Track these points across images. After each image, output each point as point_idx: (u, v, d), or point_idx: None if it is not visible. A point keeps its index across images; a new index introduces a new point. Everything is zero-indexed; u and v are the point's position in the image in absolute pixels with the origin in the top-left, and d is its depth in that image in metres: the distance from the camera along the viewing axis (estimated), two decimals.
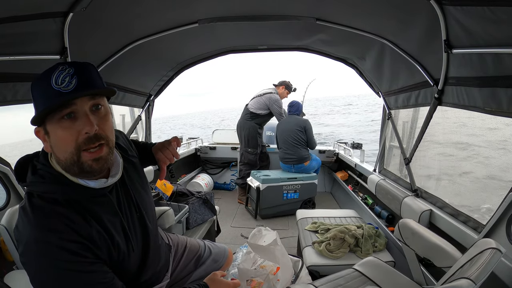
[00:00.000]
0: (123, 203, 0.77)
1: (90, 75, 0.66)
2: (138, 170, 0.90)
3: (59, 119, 0.62)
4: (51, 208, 0.63)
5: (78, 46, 1.29)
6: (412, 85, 1.68)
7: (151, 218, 0.88)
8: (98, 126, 0.64)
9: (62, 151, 0.64)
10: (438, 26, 1.10)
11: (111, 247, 0.69)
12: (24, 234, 0.61)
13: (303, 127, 3.07)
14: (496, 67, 0.99)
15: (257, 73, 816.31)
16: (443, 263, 1.03)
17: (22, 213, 0.63)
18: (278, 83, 3.51)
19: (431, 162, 1.87)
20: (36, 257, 0.59)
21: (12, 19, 0.91)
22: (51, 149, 0.65)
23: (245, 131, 3.36)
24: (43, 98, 0.62)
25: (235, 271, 1.43)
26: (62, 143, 0.63)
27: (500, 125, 1.99)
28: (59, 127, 0.62)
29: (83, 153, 0.64)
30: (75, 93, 0.61)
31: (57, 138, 0.63)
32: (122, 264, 0.73)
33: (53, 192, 0.65)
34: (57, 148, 0.64)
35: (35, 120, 0.63)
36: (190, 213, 1.76)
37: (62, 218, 0.62)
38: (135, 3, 1.22)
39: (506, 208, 1.01)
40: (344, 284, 1.23)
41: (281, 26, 1.71)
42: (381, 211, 2.30)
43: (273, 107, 3.30)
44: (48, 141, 0.65)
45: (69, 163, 0.64)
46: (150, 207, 0.89)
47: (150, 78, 2.20)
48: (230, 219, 2.92)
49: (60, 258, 0.59)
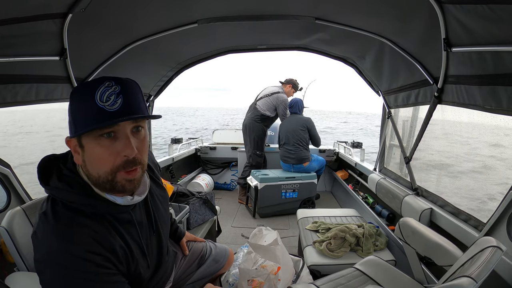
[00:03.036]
0: (143, 221, 0.77)
1: (136, 97, 0.64)
2: (162, 189, 0.90)
3: (97, 136, 0.60)
4: (77, 218, 0.61)
5: (78, 47, 1.30)
6: (411, 84, 1.68)
7: (166, 234, 0.89)
8: (137, 149, 0.63)
9: (97, 169, 0.62)
10: (437, 24, 1.10)
11: (131, 263, 0.69)
12: (45, 243, 0.59)
13: (305, 126, 3.07)
14: (496, 65, 0.99)
15: (259, 72, 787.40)
16: (444, 261, 1.03)
17: (44, 220, 0.61)
18: (285, 81, 3.48)
19: (432, 161, 1.86)
20: (57, 267, 0.58)
21: (11, 21, 0.91)
22: (83, 163, 0.63)
23: (255, 133, 3.32)
24: (84, 112, 0.60)
25: (236, 271, 1.43)
26: (99, 162, 0.61)
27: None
28: (97, 144, 0.60)
29: (118, 173, 0.62)
30: (120, 115, 0.59)
31: (93, 155, 0.61)
32: (136, 278, 0.73)
33: (80, 203, 0.63)
34: (91, 165, 0.62)
35: (75, 131, 0.61)
36: (190, 213, 1.76)
37: (87, 230, 0.61)
38: (134, 4, 1.22)
39: (506, 206, 1.01)
40: (345, 283, 1.23)
41: (280, 25, 1.71)
42: (382, 210, 2.31)
43: (280, 108, 3.29)
44: (82, 155, 0.62)
45: (101, 181, 0.63)
46: (166, 224, 0.90)
47: (150, 79, 2.20)
48: (231, 219, 2.92)
49: (84, 269, 0.58)
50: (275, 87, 3.45)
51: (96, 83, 0.60)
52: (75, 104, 0.62)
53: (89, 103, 0.59)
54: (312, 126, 3.11)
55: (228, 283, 1.44)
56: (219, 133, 4.53)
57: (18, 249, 0.91)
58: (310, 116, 3.21)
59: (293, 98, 3.31)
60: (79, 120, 0.61)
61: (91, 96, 0.59)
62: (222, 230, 2.20)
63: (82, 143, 0.61)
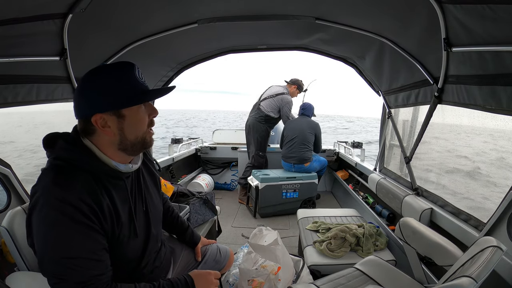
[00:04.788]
0: (134, 193, 0.84)
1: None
2: (155, 179, 1.00)
3: (139, 106, 0.74)
4: (74, 172, 0.69)
5: (78, 47, 1.30)
6: (412, 84, 1.68)
7: (155, 221, 0.92)
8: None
9: (136, 131, 0.75)
10: (437, 24, 1.10)
11: (116, 225, 0.74)
12: (42, 189, 0.66)
13: (314, 131, 3.10)
14: (496, 65, 0.99)
15: (262, 73, 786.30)
16: (444, 261, 1.03)
17: (44, 172, 0.69)
18: (291, 81, 3.46)
19: (432, 160, 1.86)
20: (48, 211, 0.63)
21: (11, 21, 0.91)
22: (119, 131, 0.73)
23: (258, 134, 3.31)
24: (130, 88, 0.72)
25: (236, 271, 1.43)
26: (140, 123, 0.75)
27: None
28: (139, 111, 0.74)
29: (148, 131, 0.78)
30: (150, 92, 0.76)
31: (137, 119, 0.74)
32: (123, 247, 0.77)
33: (80, 160, 0.70)
34: (132, 129, 0.74)
35: (119, 106, 0.71)
36: (191, 213, 1.76)
37: (81, 183, 0.67)
38: (134, 4, 1.22)
39: (506, 206, 1.01)
40: (346, 283, 1.23)
41: (280, 25, 1.71)
42: (382, 210, 2.30)
43: (284, 109, 3.28)
44: (118, 125, 0.72)
45: (138, 141, 0.76)
46: (156, 211, 0.95)
47: (150, 79, 2.20)
48: (231, 219, 2.92)
49: (71, 216, 0.63)
50: (280, 87, 3.43)
51: (130, 66, 0.74)
52: (115, 81, 0.71)
53: (133, 80, 0.73)
54: (319, 133, 3.16)
55: (228, 283, 1.44)
56: (219, 133, 4.53)
57: (19, 249, 0.91)
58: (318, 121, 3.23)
59: (306, 102, 3.32)
60: (121, 95, 0.71)
61: (132, 76, 0.73)
62: (222, 230, 2.20)
63: (123, 113, 0.72)
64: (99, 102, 0.69)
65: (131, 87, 0.72)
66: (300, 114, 3.27)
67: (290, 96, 3.36)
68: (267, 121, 3.33)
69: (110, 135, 0.72)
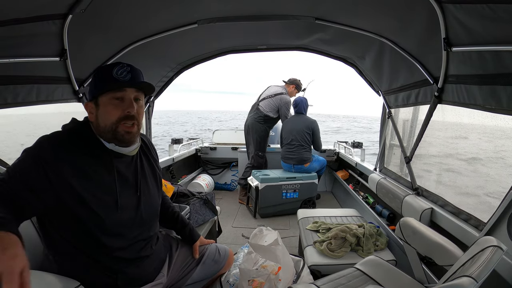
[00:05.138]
0: (126, 175, 0.92)
1: (140, 76, 0.89)
2: (156, 174, 1.07)
3: (111, 98, 0.84)
4: (73, 135, 0.84)
5: (78, 48, 1.30)
6: (412, 84, 1.68)
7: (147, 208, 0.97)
8: (136, 111, 0.87)
9: (105, 120, 0.85)
10: (437, 24, 1.10)
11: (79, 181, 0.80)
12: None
13: (311, 129, 3.07)
14: (496, 65, 0.99)
15: (264, 74, 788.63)
16: (444, 261, 1.03)
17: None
18: (289, 81, 3.46)
19: (432, 160, 1.86)
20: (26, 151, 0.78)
21: (11, 22, 0.91)
22: (96, 118, 0.86)
23: (257, 134, 3.31)
24: (103, 81, 0.84)
25: (236, 271, 1.43)
26: (108, 114, 0.84)
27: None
28: (110, 103, 0.84)
29: (120, 124, 0.85)
30: (128, 85, 0.85)
31: (106, 109, 0.84)
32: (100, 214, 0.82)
33: (80, 130, 0.87)
34: (102, 118, 0.85)
35: (93, 95, 0.85)
36: (191, 213, 1.76)
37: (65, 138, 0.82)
38: (134, 4, 1.22)
39: (507, 206, 1.01)
40: (346, 283, 1.23)
41: (280, 25, 1.71)
42: (382, 210, 2.30)
43: (282, 109, 3.28)
44: (95, 112, 0.86)
45: (107, 130, 0.85)
46: (151, 200, 1.00)
47: (150, 79, 2.20)
48: (231, 219, 2.92)
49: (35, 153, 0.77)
50: (279, 87, 3.43)
51: (113, 65, 0.85)
52: (97, 76, 0.86)
53: (107, 74, 0.84)
54: (317, 130, 3.12)
55: (228, 283, 1.44)
56: (219, 133, 4.53)
57: None
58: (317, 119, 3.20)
59: (297, 97, 3.29)
60: (98, 86, 0.84)
61: (109, 72, 0.84)
62: (222, 230, 2.20)
63: (99, 102, 0.85)
64: (88, 93, 0.85)
65: (104, 80, 0.84)
66: (294, 112, 3.26)
67: (288, 96, 3.35)
68: (266, 121, 3.33)
69: (93, 119, 0.87)
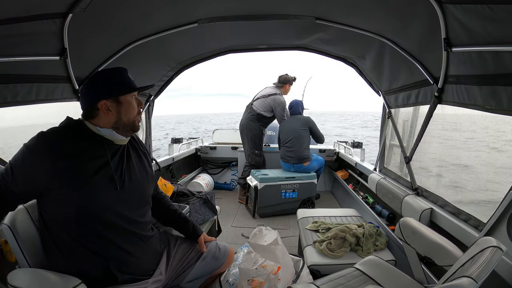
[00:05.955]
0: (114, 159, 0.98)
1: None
2: (143, 161, 1.12)
3: (131, 97, 0.98)
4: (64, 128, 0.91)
5: (78, 47, 1.30)
6: (412, 84, 1.68)
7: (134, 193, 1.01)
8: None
9: (129, 114, 0.97)
10: (437, 24, 1.10)
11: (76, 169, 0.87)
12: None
13: (307, 125, 3.09)
14: (496, 65, 0.99)
15: (264, 73, 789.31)
16: (444, 261, 1.03)
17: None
18: (280, 82, 3.43)
19: (432, 160, 1.86)
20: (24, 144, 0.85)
21: (11, 21, 0.91)
22: (117, 114, 0.95)
23: (251, 132, 3.33)
24: (123, 83, 0.96)
25: (236, 270, 1.43)
26: (133, 110, 0.98)
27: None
28: (132, 101, 0.98)
29: (137, 118, 1.00)
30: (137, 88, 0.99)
31: (130, 105, 0.97)
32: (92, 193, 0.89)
33: (74, 125, 0.93)
34: (127, 112, 0.96)
35: (112, 94, 0.93)
36: (191, 213, 1.76)
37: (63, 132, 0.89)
38: (134, 4, 1.22)
39: (506, 206, 1.01)
40: (345, 283, 1.23)
41: (280, 25, 1.71)
42: (382, 210, 2.30)
43: (277, 110, 3.29)
44: (117, 109, 0.94)
45: (130, 122, 0.98)
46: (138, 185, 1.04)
47: (150, 79, 2.20)
48: (231, 219, 2.92)
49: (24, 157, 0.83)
50: (274, 88, 3.43)
51: (123, 69, 0.98)
52: (116, 78, 0.95)
53: (125, 77, 0.97)
54: (313, 125, 3.13)
55: (228, 283, 1.44)
56: (219, 133, 4.53)
57: (21, 246, 0.91)
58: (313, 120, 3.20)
59: (292, 100, 3.31)
60: (117, 87, 0.94)
61: (126, 74, 0.97)
62: (222, 230, 2.20)
63: (121, 100, 0.95)
64: (104, 91, 0.93)
65: (124, 82, 0.96)
66: (290, 114, 3.28)
67: (283, 97, 3.35)
68: (259, 120, 3.35)
69: (110, 117, 0.94)
